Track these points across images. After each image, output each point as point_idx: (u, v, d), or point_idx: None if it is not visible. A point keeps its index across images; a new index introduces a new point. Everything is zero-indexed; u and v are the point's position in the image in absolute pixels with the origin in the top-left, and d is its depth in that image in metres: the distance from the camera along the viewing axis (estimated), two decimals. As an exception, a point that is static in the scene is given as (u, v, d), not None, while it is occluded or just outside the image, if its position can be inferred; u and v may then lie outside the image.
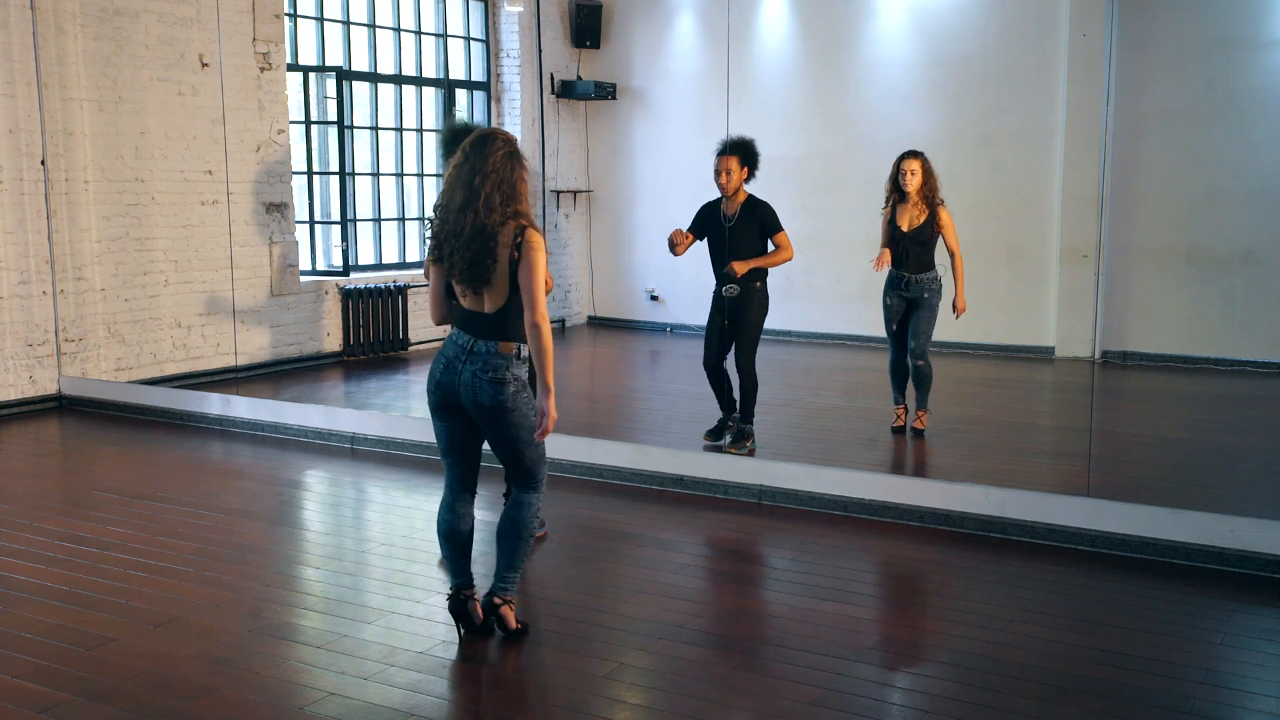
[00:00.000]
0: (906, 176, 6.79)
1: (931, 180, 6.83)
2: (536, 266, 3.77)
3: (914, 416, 7.08)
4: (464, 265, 3.78)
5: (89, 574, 4.73)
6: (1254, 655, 4.02)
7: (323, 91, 10.03)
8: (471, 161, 3.81)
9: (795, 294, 9.71)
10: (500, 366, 3.82)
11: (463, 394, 3.85)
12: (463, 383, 3.83)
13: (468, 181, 3.79)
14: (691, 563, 4.96)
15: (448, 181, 3.87)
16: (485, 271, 3.78)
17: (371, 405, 8.55)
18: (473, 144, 3.84)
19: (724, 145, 6.45)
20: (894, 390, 7.21)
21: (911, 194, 6.80)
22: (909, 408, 7.15)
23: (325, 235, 10.29)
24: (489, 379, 3.81)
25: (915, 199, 6.81)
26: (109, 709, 3.52)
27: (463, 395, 3.85)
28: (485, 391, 3.81)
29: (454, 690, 3.72)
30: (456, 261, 3.80)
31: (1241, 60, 9.45)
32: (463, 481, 4.06)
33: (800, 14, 11.27)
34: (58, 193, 8.16)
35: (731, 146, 6.41)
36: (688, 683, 3.76)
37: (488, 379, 3.81)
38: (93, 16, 8.27)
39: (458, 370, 3.84)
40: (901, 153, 6.91)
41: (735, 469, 5.92)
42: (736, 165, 6.39)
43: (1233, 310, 9.63)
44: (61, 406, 8.27)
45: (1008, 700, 3.58)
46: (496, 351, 3.83)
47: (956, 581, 4.73)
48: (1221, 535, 4.79)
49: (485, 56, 11.91)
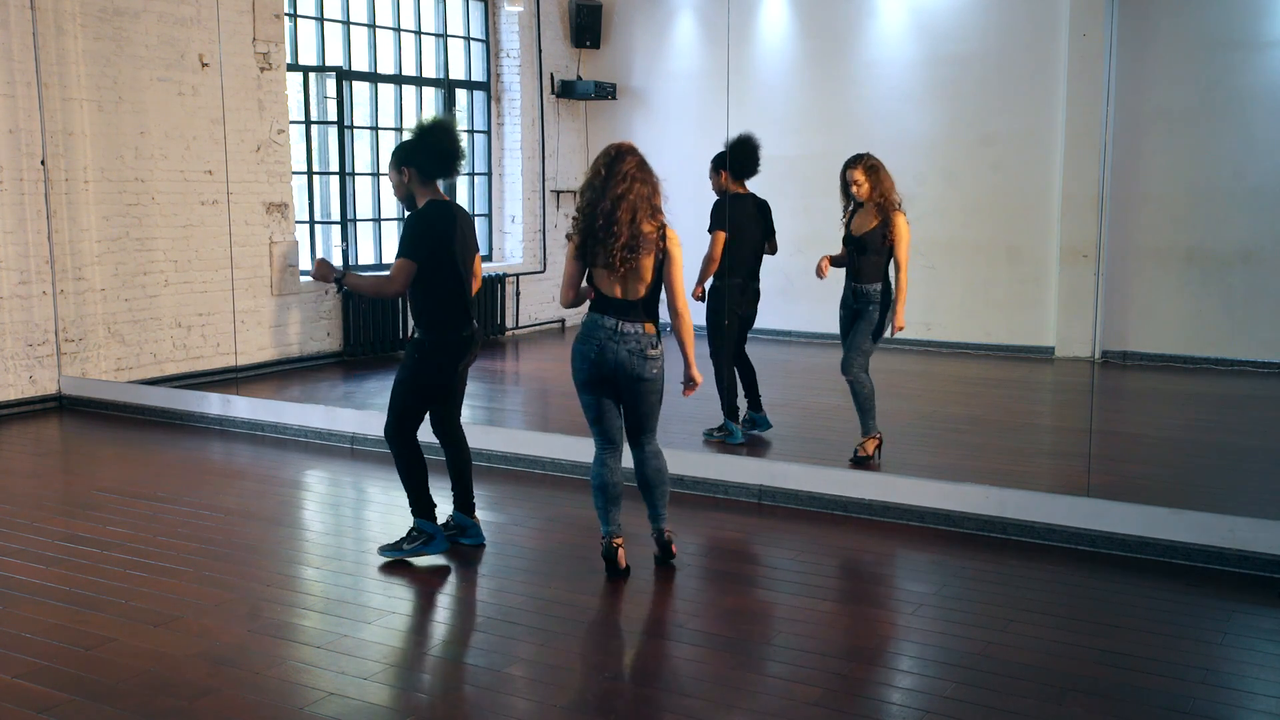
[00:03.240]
0: (853, 187, 6.32)
1: (882, 185, 6.28)
2: (679, 261, 4.58)
3: (858, 443, 6.39)
4: (621, 262, 4.45)
5: (89, 574, 4.73)
6: (1254, 655, 4.02)
7: (323, 91, 10.03)
8: (612, 173, 4.47)
9: (795, 294, 9.70)
10: (649, 344, 4.55)
11: (619, 369, 4.52)
12: (619, 360, 4.51)
13: (615, 193, 4.44)
14: (691, 563, 4.96)
15: (591, 191, 4.50)
16: (638, 266, 4.49)
17: (371, 405, 8.54)
18: (609, 159, 4.50)
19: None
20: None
21: (864, 200, 6.33)
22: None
23: (325, 235, 10.29)
24: (642, 355, 4.52)
25: (868, 204, 6.32)
26: (109, 709, 3.52)
27: (618, 370, 4.52)
28: (640, 365, 4.52)
29: (454, 690, 3.72)
30: (613, 260, 4.45)
31: (1241, 60, 9.46)
32: (612, 441, 4.70)
33: (800, 14, 11.27)
34: (58, 193, 8.16)
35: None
36: (688, 683, 3.76)
37: (641, 355, 4.52)
38: (93, 16, 8.27)
39: (612, 349, 4.51)
40: (845, 160, 6.39)
41: (735, 469, 5.92)
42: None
43: (1233, 310, 9.63)
44: (61, 406, 8.27)
45: (1008, 700, 3.58)
46: (643, 332, 4.54)
47: (956, 581, 4.73)
48: (1221, 535, 4.79)
49: (485, 56, 11.91)
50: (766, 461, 6.01)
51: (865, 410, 6.37)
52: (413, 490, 4.93)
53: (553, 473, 6.35)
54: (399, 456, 4.95)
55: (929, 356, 10.35)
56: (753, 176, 6.90)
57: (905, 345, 10.03)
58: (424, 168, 4.86)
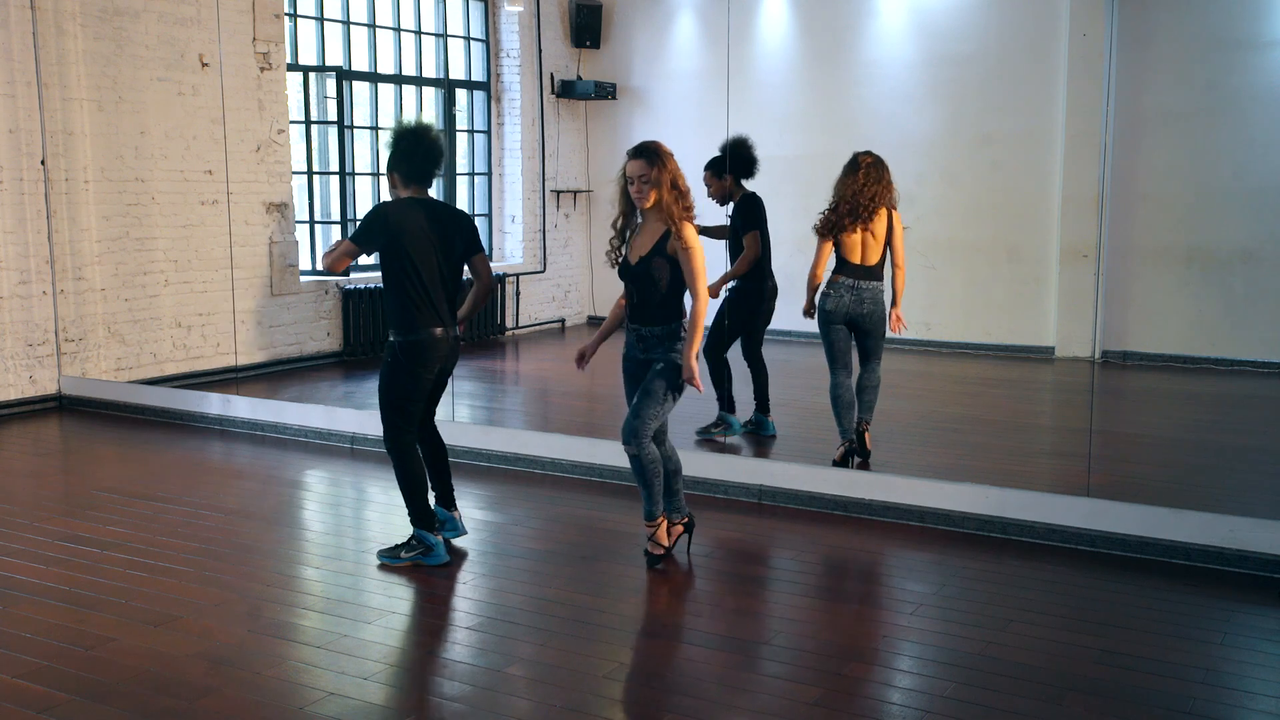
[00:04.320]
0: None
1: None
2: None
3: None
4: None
5: (89, 574, 4.73)
6: (1254, 655, 4.02)
7: (323, 91, 10.03)
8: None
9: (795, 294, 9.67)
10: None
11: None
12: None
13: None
14: (691, 562, 4.95)
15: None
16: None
17: (371, 405, 8.53)
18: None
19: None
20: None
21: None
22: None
23: (325, 235, 10.29)
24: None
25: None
26: (109, 709, 3.52)
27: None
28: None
29: (454, 690, 3.72)
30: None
31: (1241, 60, 9.46)
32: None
33: (800, 14, 11.27)
34: (58, 193, 8.16)
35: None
36: (688, 683, 3.76)
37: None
38: (93, 16, 8.27)
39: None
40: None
41: (735, 469, 5.92)
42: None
43: (1233, 310, 9.63)
44: (61, 406, 8.27)
45: (1008, 700, 3.58)
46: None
47: (956, 581, 4.73)
48: (1221, 535, 4.79)
49: (485, 56, 11.91)
50: (766, 461, 6.01)
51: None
52: (411, 500, 4.91)
53: (553, 473, 6.35)
54: (396, 466, 4.94)
55: (929, 356, 10.35)
56: (754, 177, 6.95)
57: (905, 345, 10.03)
58: (405, 173, 4.90)
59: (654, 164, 4.58)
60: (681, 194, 4.61)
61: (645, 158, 4.60)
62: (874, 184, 6.14)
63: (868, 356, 6.32)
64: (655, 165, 4.58)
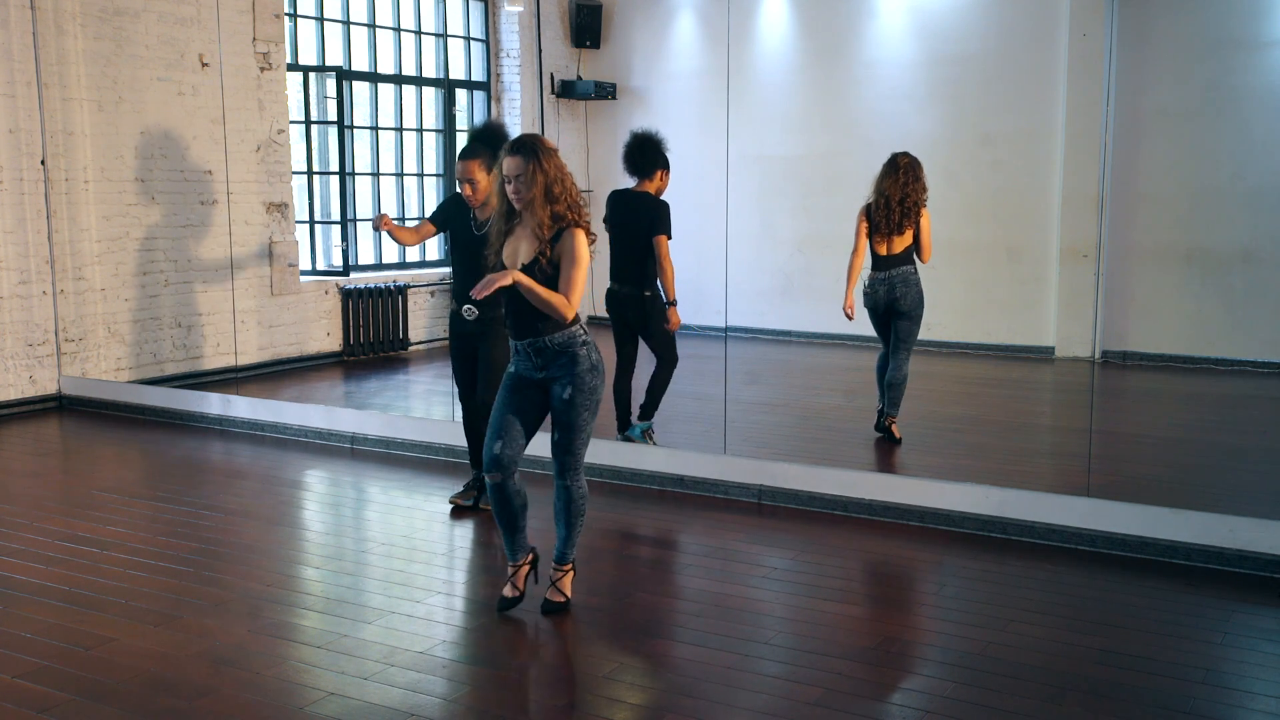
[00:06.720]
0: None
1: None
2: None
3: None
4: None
5: (89, 574, 4.73)
6: (1254, 655, 4.01)
7: (323, 91, 10.03)
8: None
9: (795, 294, 9.69)
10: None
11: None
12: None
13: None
14: (692, 563, 4.96)
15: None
16: None
17: (371, 405, 8.55)
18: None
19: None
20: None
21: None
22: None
23: (325, 235, 10.29)
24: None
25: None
26: (109, 709, 3.52)
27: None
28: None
29: (454, 690, 3.72)
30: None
31: (1241, 60, 9.45)
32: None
33: (800, 14, 11.27)
34: (58, 192, 8.16)
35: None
36: (688, 683, 3.76)
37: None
38: (93, 16, 8.27)
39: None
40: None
41: (735, 469, 5.92)
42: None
43: (1233, 310, 9.63)
44: (61, 406, 8.27)
45: (1008, 700, 3.58)
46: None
47: (956, 581, 4.73)
48: (1221, 535, 4.79)
49: (485, 56, 11.90)
50: (766, 462, 6.01)
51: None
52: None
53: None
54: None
55: (929, 356, 10.34)
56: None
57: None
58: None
59: (529, 161, 4.04)
60: (556, 198, 4.05)
61: (521, 154, 4.06)
62: (912, 183, 6.58)
63: (898, 345, 6.51)
64: (530, 163, 4.04)
